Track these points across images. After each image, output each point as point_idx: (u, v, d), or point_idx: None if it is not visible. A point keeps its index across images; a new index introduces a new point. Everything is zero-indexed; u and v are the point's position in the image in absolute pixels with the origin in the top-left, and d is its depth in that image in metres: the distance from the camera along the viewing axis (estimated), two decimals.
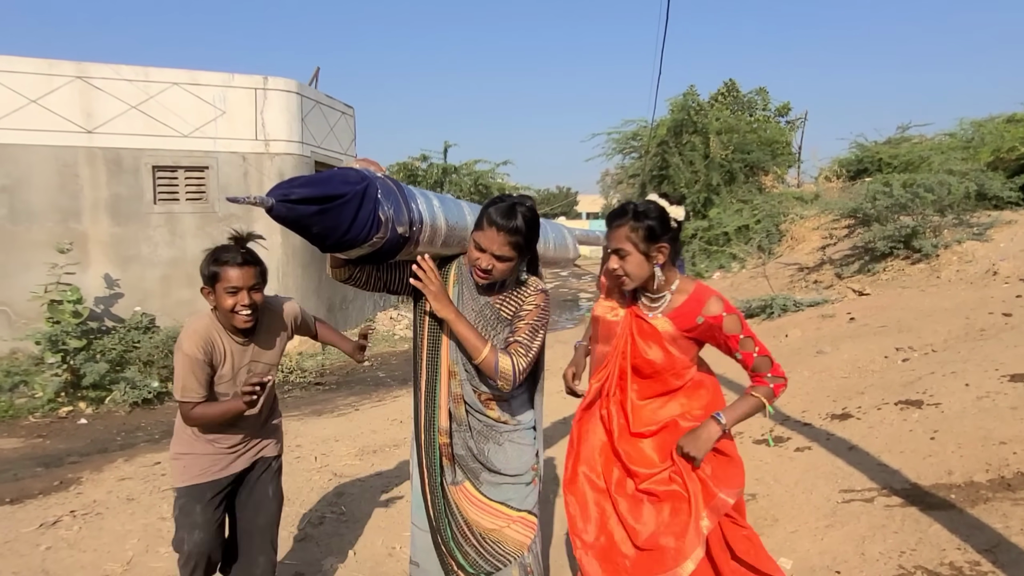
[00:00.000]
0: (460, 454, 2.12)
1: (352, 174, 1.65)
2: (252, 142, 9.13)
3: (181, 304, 8.73)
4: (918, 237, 9.20)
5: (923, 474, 3.74)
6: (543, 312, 2.10)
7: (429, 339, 2.10)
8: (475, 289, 2.09)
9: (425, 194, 1.92)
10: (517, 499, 2.15)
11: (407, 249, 1.81)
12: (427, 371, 2.11)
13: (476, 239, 1.98)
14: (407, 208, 1.74)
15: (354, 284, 2.03)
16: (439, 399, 2.09)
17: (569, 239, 2.87)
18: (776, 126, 19.82)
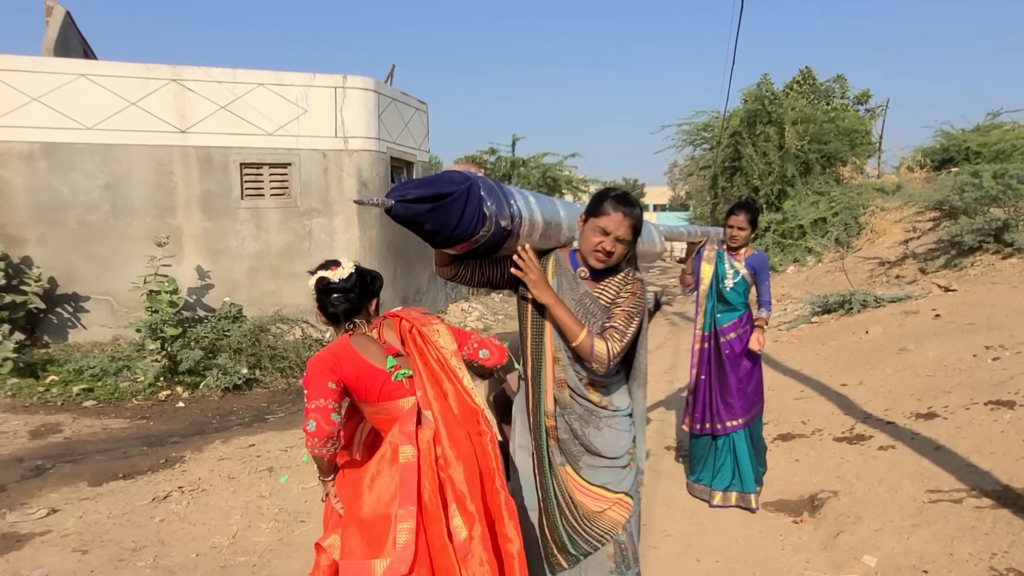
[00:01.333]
0: (563, 438, 2.23)
1: (457, 175, 1.79)
2: (332, 139, 9.45)
3: (266, 295, 9.15)
4: (1010, 230, 8.79)
5: (1016, 476, 3.64)
6: (639, 300, 2.20)
7: (533, 327, 2.22)
8: (574, 279, 2.20)
9: (522, 192, 2.04)
10: (615, 482, 2.25)
11: (509, 243, 1.93)
12: (532, 358, 2.24)
13: (600, 224, 2.10)
14: (507, 204, 1.87)
15: (460, 281, 2.16)
16: (544, 383, 2.20)
17: (656, 234, 2.94)
18: (855, 115, 19.12)
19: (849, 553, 3.23)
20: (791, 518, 3.78)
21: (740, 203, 4.00)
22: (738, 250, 3.98)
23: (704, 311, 4.00)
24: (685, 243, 4.32)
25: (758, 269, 3.95)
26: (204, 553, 3.58)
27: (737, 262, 3.93)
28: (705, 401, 3.97)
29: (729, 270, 3.92)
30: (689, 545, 3.54)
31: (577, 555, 2.23)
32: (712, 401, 3.94)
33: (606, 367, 2.08)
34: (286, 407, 6.97)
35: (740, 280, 3.91)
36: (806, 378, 6.35)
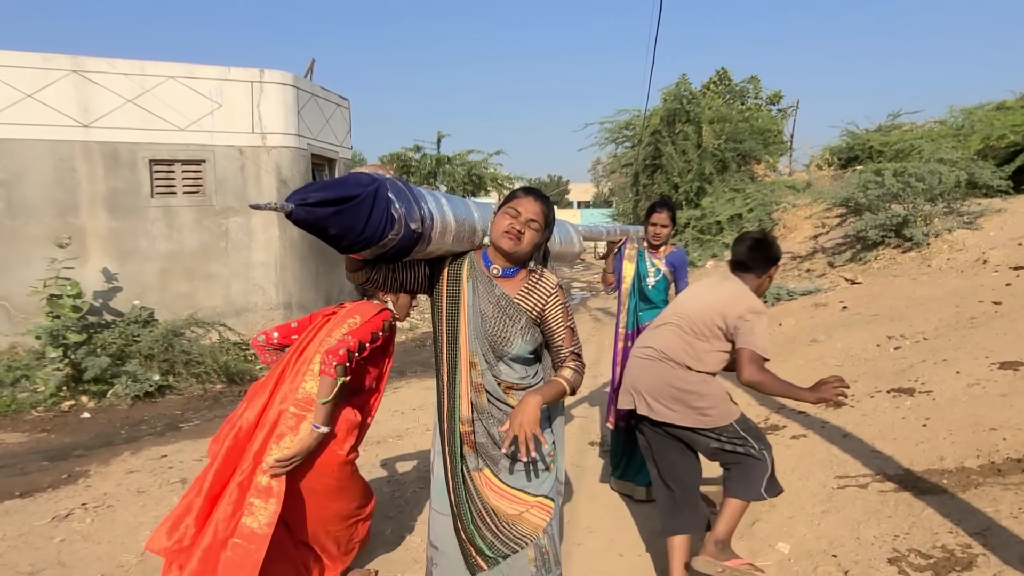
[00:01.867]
0: (481, 442, 2.21)
1: (363, 177, 1.73)
2: (249, 135, 9.12)
3: (179, 297, 8.76)
4: (909, 226, 9.32)
5: (916, 460, 3.86)
6: (567, 308, 2.29)
7: (448, 332, 2.20)
8: (489, 282, 2.19)
9: (432, 193, 2.00)
10: (534, 485, 2.25)
11: (420, 246, 1.90)
12: (447, 363, 2.21)
13: (511, 206, 2.16)
14: (417, 206, 1.83)
15: (372, 286, 2.11)
16: (459, 389, 2.18)
17: (574, 234, 2.95)
18: (768, 115, 19.92)
19: (764, 541, 3.35)
20: (711, 509, 3.88)
21: (660, 201, 4.05)
22: (658, 248, 4.05)
23: (627, 309, 4.05)
24: (605, 242, 4.37)
25: (678, 266, 4.03)
26: (109, 573, 3.38)
27: (657, 260, 4.00)
28: None
29: (650, 268, 3.98)
30: (612, 540, 3.58)
31: (496, 558, 2.22)
32: None
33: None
34: (202, 414, 6.70)
35: (661, 278, 3.98)
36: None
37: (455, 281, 2.19)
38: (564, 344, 2.27)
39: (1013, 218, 9.16)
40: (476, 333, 2.16)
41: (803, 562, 3.11)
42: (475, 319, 2.16)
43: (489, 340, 2.17)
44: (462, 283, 2.18)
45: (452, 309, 2.18)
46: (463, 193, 23.88)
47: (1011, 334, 5.41)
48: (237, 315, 9.05)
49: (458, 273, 2.20)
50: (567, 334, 2.27)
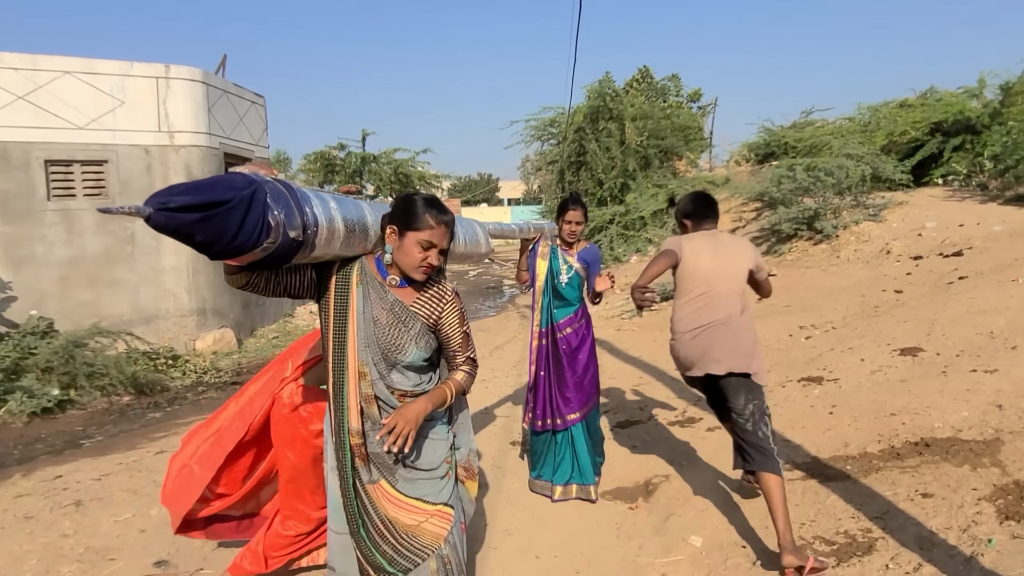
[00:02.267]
0: (376, 452, 2.12)
1: (239, 179, 1.61)
2: (155, 134, 8.69)
3: (82, 306, 8.28)
4: (820, 219, 9.68)
5: (822, 447, 3.97)
6: (464, 315, 2.21)
7: (335, 341, 2.09)
8: (382, 288, 2.10)
9: (321, 196, 1.89)
10: (432, 493, 2.18)
11: (302, 253, 1.79)
12: (334, 372, 2.10)
13: (422, 239, 2.03)
14: (300, 212, 1.71)
15: (252, 290, 1.98)
16: (347, 401, 2.08)
17: (481, 234, 2.88)
18: (688, 112, 20.38)
19: (678, 535, 3.37)
20: (627, 505, 3.89)
21: (572, 198, 4.01)
22: (572, 245, 4.02)
23: (540, 307, 4.01)
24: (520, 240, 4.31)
25: (591, 262, 4.01)
26: None
27: (570, 257, 3.97)
28: (545, 397, 3.98)
29: (563, 265, 3.95)
30: (529, 542, 3.54)
31: (397, 573, 2.13)
32: (552, 397, 3.95)
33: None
34: (106, 429, 6.32)
35: (574, 275, 3.95)
36: (645, 365, 6.63)
37: (344, 287, 2.08)
38: (460, 350, 2.21)
39: (913, 210, 9.62)
40: (367, 341, 2.06)
41: (714, 554, 3.14)
42: (366, 327, 2.06)
43: (382, 348, 2.07)
44: (351, 290, 2.07)
45: (340, 317, 2.07)
46: (390, 192, 23.55)
47: (911, 321, 5.66)
48: (147, 323, 8.62)
49: (347, 279, 2.09)
50: (463, 340, 2.21)
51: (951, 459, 3.52)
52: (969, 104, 12.55)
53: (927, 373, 4.62)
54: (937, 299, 6.10)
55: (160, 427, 6.27)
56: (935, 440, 3.77)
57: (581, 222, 3.95)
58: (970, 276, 6.55)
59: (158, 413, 6.85)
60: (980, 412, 3.99)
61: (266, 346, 9.79)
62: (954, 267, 7.01)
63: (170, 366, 8.28)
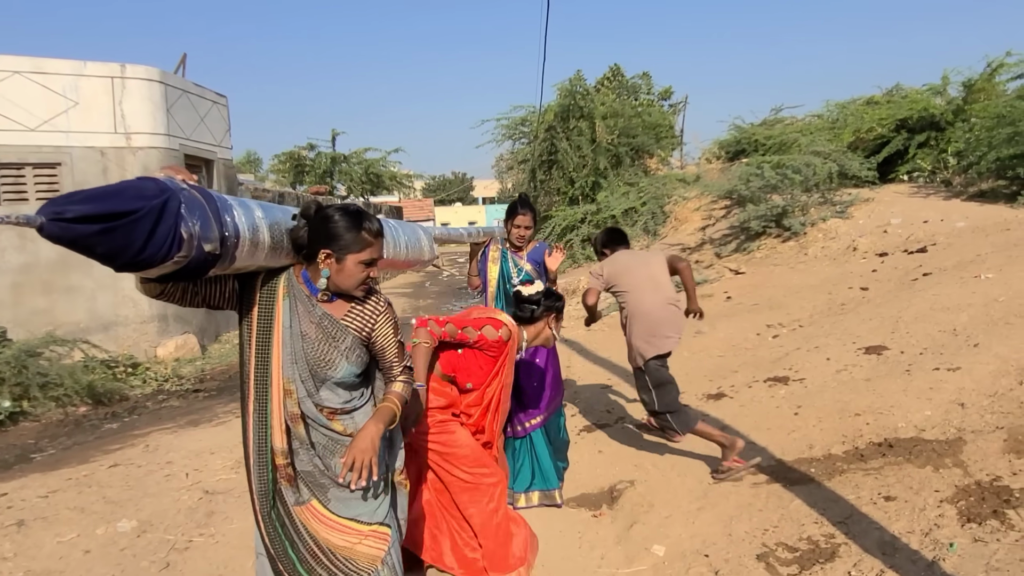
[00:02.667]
0: (306, 471, 2.02)
1: (149, 186, 1.49)
2: (111, 135, 8.45)
3: (36, 314, 8.02)
4: (788, 216, 9.71)
5: (787, 450, 3.93)
6: (396, 324, 2.12)
7: (258, 356, 1.97)
8: (309, 301, 1.99)
9: (245, 204, 1.77)
10: (367, 512, 2.09)
11: (220, 265, 1.67)
12: (255, 390, 1.98)
13: (362, 259, 1.94)
14: (217, 223, 1.60)
15: (168, 300, 1.86)
16: (271, 419, 1.97)
17: (424, 240, 2.77)
18: (659, 110, 20.43)
19: (641, 544, 3.29)
20: (591, 512, 3.82)
21: (521, 200, 3.93)
22: (520, 248, 3.94)
23: None
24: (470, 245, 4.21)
25: (541, 262, 3.93)
26: None
27: (520, 260, 3.89)
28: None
29: (514, 268, 3.87)
30: None
31: None
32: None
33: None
34: (59, 442, 6.11)
35: (526, 276, 3.87)
36: (613, 366, 6.57)
37: (268, 300, 1.96)
38: (396, 361, 2.13)
39: (879, 207, 9.69)
40: (293, 357, 1.95)
41: (676, 564, 3.08)
42: (293, 342, 1.95)
43: (310, 364, 1.96)
44: (276, 303, 1.96)
45: (263, 331, 1.95)
46: (361, 192, 23.30)
47: (876, 319, 5.67)
48: (105, 330, 8.39)
49: (272, 292, 1.97)
50: (398, 350, 2.12)
51: (914, 460, 3.50)
52: (933, 101, 12.71)
53: (891, 372, 4.61)
54: (902, 296, 6.12)
55: (116, 438, 6.08)
56: (898, 440, 3.75)
57: (530, 226, 3.89)
58: (934, 272, 6.59)
59: (115, 424, 6.64)
60: (943, 411, 3.98)
61: (231, 352, 9.57)
62: (918, 263, 7.05)
63: (130, 374, 8.06)
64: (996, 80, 12.11)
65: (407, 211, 30.54)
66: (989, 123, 9.97)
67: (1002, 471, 3.21)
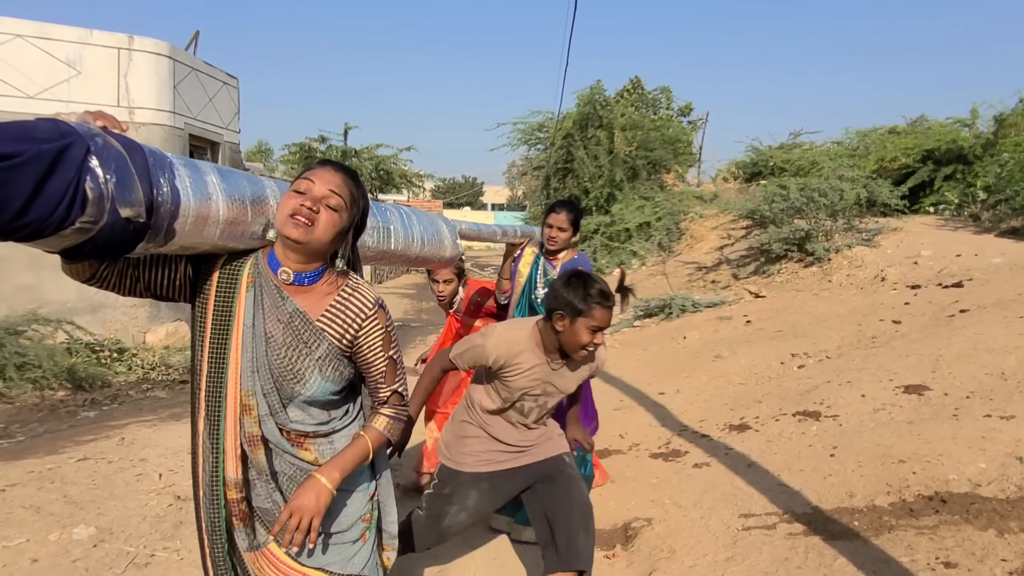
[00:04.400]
0: (264, 507, 1.62)
1: (44, 127, 1.12)
2: (114, 108, 8.08)
3: (20, 290, 7.65)
4: (811, 240, 9.33)
5: (824, 496, 3.52)
6: (391, 333, 1.66)
7: (212, 361, 1.57)
8: (278, 293, 1.58)
9: (195, 165, 1.40)
10: (339, 562, 1.67)
11: (154, 240, 1.29)
12: (207, 404, 1.58)
13: (300, 180, 1.55)
14: (146, 183, 1.23)
15: (102, 285, 1.49)
16: (224, 443, 1.55)
17: (446, 232, 2.38)
18: (679, 125, 20.09)
19: None
20: (603, 552, 3.41)
21: (562, 201, 3.57)
22: (557, 254, 3.55)
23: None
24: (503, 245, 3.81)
25: None
26: None
27: (553, 268, 3.49)
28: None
29: (541, 277, 3.46)
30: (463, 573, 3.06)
31: None
32: None
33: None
34: (30, 428, 5.73)
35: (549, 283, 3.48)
36: (626, 386, 6.18)
37: (228, 291, 1.56)
38: (384, 382, 1.67)
39: (908, 237, 9.31)
40: (255, 365, 1.55)
41: None
42: (255, 345, 1.54)
43: (274, 375, 1.55)
44: (238, 294, 1.55)
45: (219, 330, 1.56)
46: (370, 188, 22.95)
47: (913, 356, 5.26)
48: (93, 312, 8.01)
49: (234, 280, 1.57)
50: (388, 367, 1.66)
51: (973, 520, 3.09)
52: (961, 133, 12.37)
53: (936, 415, 4.21)
54: (940, 333, 5.71)
55: (91, 428, 5.69)
56: (951, 495, 3.34)
57: (565, 228, 3.48)
58: (972, 310, 6.19)
59: (92, 412, 6.26)
60: (999, 464, 3.57)
61: None
62: (955, 299, 6.64)
63: (115, 360, 7.67)
64: None
65: None
66: (1021, 158, 9.61)
67: None
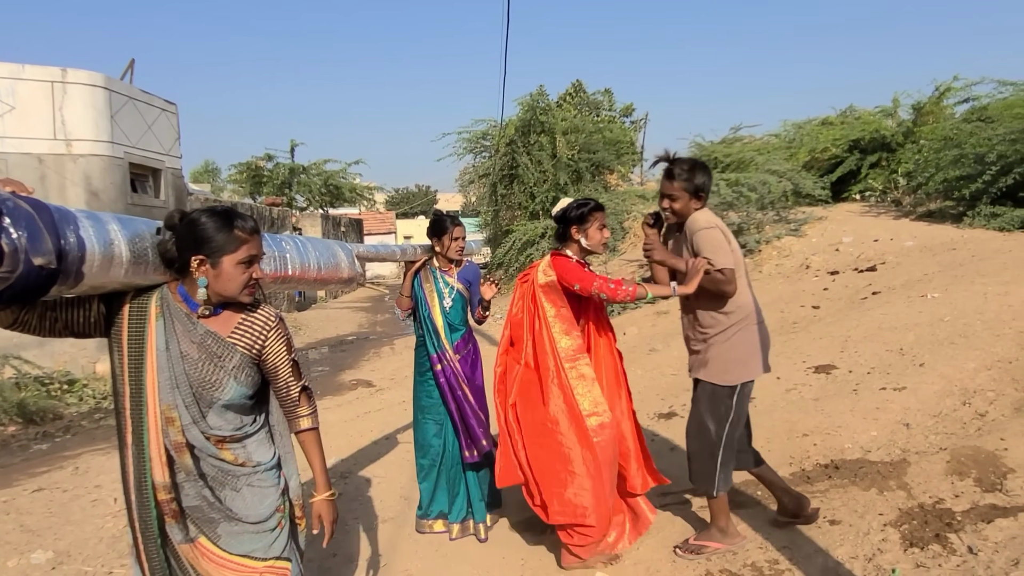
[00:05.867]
0: (194, 505, 1.87)
1: None
2: (50, 141, 8.13)
3: None
4: (743, 233, 9.78)
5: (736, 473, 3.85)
6: (288, 339, 1.98)
7: (132, 384, 1.82)
8: (188, 320, 1.84)
9: (97, 217, 1.64)
10: (261, 548, 1.93)
11: (66, 282, 1.54)
12: (132, 420, 1.83)
13: (246, 253, 1.82)
14: (56, 234, 1.47)
15: (23, 330, 1.72)
16: (149, 451, 1.81)
17: (342, 256, 2.62)
18: (620, 126, 20.60)
19: (583, 570, 3.18)
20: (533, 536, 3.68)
21: (452, 216, 3.77)
22: (457, 264, 3.78)
23: (428, 335, 3.72)
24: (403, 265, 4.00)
25: (472, 281, 3.78)
26: None
27: (451, 278, 3.73)
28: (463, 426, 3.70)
29: (445, 288, 3.71)
30: None
31: None
32: (463, 427, 3.68)
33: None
34: None
35: (457, 295, 3.72)
36: None
37: (139, 322, 1.81)
38: (292, 380, 1.99)
39: (832, 225, 9.83)
40: (174, 382, 1.80)
41: None
42: (172, 365, 1.80)
43: (194, 387, 1.81)
44: (148, 324, 1.80)
45: (135, 356, 1.80)
46: (320, 204, 22.99)
47: (826, 338, 5.68)
48: (40, 345, 8.01)
49: (143, 312, 1.81)
50: (291, 369, 1.98)
51: (859, 482, 3.46)
52: (884, 123, 13.02)
53: (839, 391, 4.60)
54: (851, 315, 6.15)
55: (45, 460, 5.77)
56: (844, 462, 3.72)
57: (465, 237, 3.75)
58: (883, 291, 6.66)
59: (45, 444, 6.32)
60: (889, 432, 3.97)
61: None
62: (868, 282, 7.12)
63: (65, 391, 7.71)
64: (944, 103, 12.45)
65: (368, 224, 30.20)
66: (937, 145, 10.21)
67: (944, 493, 3.19)
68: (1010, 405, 3.97)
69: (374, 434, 5.65)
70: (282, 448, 2.03)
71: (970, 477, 3.25)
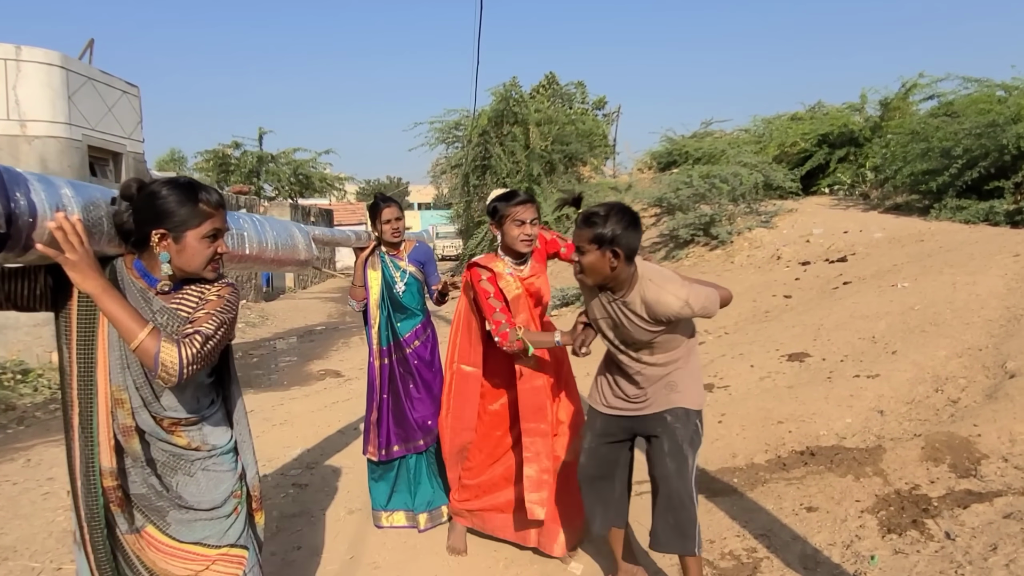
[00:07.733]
0: (140, 493, 1.74)
1: None
2: (4, 122, 7.78)
3: None
4: (715, 225, 9.80)
5: (710, 459, 3.81)
6: (228, 303, 1.75)
7: (80, 363, 1.68)
8: (143, 295, 1.70)
9: (49, 180, 1.50)
10: (215, 535, 1.81)
11: (14, 249, 1.40)
12: (79, 402, 1.69)
13: (211, 227, 1.70)
14: (6, 196, 1.35)
15: None
16: (97, 435, 1.67)
17: (299, 237, 2.49)
18: (593, 119, 20.55)
19: (557, 562, 3.10)
20: None
21: (384, 196, 3.53)
22: (398, 246, 3.59)
23: (378, 324, 3.55)
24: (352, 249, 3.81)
25: (425, 261, 3.57)
26: None
27: (401, 260, 3.55)
28: (394, 422, 3.52)
29: (396, 272, 3.52)
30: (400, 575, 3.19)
31: None
32: (404, 420, 3.50)
33: (176, 378, 1.55)
34: None
35: (411, 279, 3.52)
36: None
37: (89, 298, 1.67)
38: (196, 322, 1.66)
39: (803, 217, 9.89)
40: (124, 362, 1.67)
41: None
42: (123, 344, 1.65)
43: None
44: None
45: (84, 334, 1.66)
46: (289, 194, 22.58)
47: (798, 326, 5.68)
48: None
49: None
50: (206, 317, 1.67)
51: (835, 469, 3.43)
52: (853, 118, 13.15)
53: (813, 379, 4.59)
54: (823, 304, 6.17)
55: None
56: (820, 449, 3.69)
57: (400, 217, 3.47)
58: (854, 281, 6.69)
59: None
60: (863, 419, 3.95)
61: None
62: (839, 272, 7.16)
63: (19, 382, 7.41)
64: (910, 99, 12.61)
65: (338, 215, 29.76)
66: (903, 140, 10.34)
67: (920, 479, 3.17)
68: (981, 392, 3.98)
69: (342, 424, 5.51)
70: (239, 434, 1.90)
71: (945, 463, 3.24)
